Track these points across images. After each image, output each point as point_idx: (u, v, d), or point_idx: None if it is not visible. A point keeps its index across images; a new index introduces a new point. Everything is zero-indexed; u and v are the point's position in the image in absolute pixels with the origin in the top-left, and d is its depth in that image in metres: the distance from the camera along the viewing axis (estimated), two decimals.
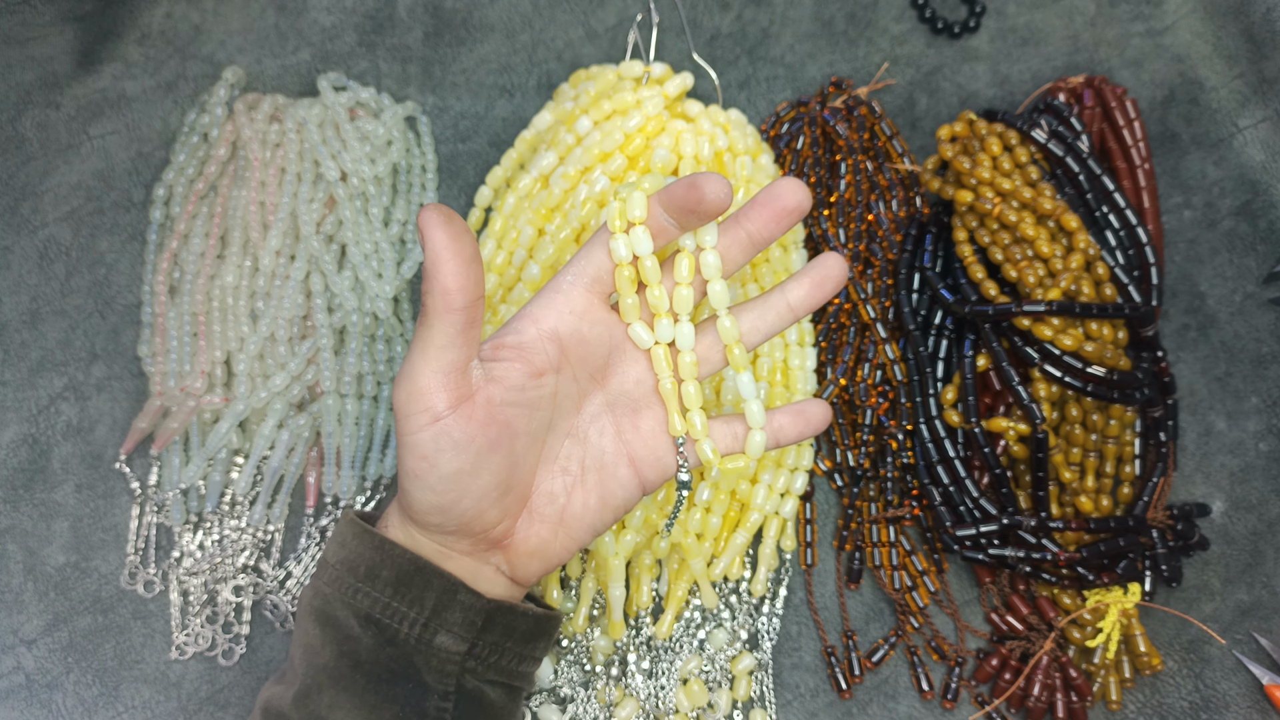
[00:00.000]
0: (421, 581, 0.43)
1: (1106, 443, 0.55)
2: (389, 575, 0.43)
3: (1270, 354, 0.59)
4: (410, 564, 0.43)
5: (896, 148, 0.63)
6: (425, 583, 0.43)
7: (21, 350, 0.61)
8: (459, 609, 0.43)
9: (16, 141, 0.65)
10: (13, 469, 0.59)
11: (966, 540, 0.54)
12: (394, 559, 0.43)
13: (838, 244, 0.60)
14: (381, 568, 0.43)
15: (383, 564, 0.43)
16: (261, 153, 0.61)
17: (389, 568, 0.43)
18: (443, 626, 0.43)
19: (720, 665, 0.55)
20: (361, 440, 0.58)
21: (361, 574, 0.43)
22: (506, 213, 0.59)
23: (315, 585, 0.45)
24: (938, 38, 0.66)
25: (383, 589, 0.43)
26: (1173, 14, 0.65)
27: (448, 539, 0.44)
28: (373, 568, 0.43)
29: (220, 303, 0.60)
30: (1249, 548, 0.57)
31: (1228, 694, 0.54)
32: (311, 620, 0.44)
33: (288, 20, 0.67)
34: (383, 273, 0.60)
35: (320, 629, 0.43)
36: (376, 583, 0.43)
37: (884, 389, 0.59)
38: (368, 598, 0.43)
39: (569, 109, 0.59)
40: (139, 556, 0.57)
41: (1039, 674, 0.53)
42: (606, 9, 0.67)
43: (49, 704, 0.55)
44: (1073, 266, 0.54)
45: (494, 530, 0.44)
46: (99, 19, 0.67)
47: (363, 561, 0.43)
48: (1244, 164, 0.62)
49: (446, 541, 0.44)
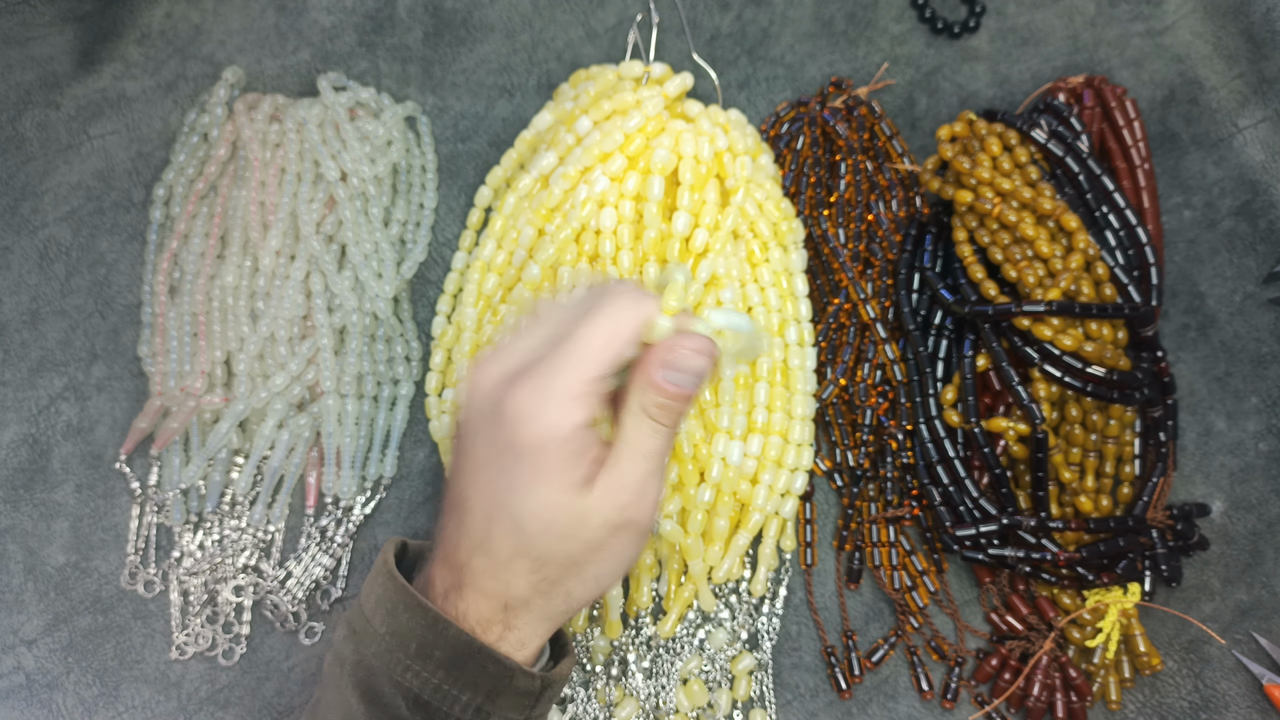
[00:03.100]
0: (476, 666, 0.41)
1: (1106, 443, 0.55)
2: (442, 656, 0.41)
3: (1270, 354, 0.59)
4: (465, 646, 0.41)
5: (896, 148, 0.63)
6: (480, 667, 0.41)
7: (21, 350, 0.61)
8: (513, 693, 0.42)
9: (16, 141, 0.65)
10: (13, 469, 0.59)
11: (966, 540, 0.54)
12: (448, 639, 0.41)
13: (838, 244, 0.60)
14: (435, 647, 0.41)
15: (436, 643, 0.41)
16: (261, 153, 0.61)
17: (443, 648, 0.41)
18: (495, 711, 0.41)
19: (720, 665, 0.55)
20: (361, 440, 0.58)
21: (413, 651, 0.41)
22: (506, 213, 0.59)
23: (358, 650, 0.43)
24: (938, 38, 0.66)
25: (434, 670, 0.41)
26: (1173, 14, 0.65)
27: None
28: (425, 645, 0.41)
29: (220, 303, 0.60)
30: (1249, 548, 0.57)
31: (1227, 694, 0.54)
32: (354, 692, 0.42)
33: (288, 20, 0.67)
34: (383, 273, 0.60)
35: (365, 705, 0.42)
36: (429, 663, 0.41)
37: (884, 389, 0.59)
38: (418, 678, 0.41)
39: (569, 109, 0.59)
40: (139, 556, 0.57)
41: (1039, 674, 0.53)
42: (606, 9, 0.67)
43: (49, 704, 0.55)
44: (1072, 266, 0.54)
45: None
46: (99, 19, 0.67)
47: (414, 638, 0.41)
48: (1244, 164, 0.62)
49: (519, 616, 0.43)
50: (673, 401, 0.42)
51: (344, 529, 0.57)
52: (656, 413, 0.42)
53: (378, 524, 0.58)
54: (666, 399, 0.42)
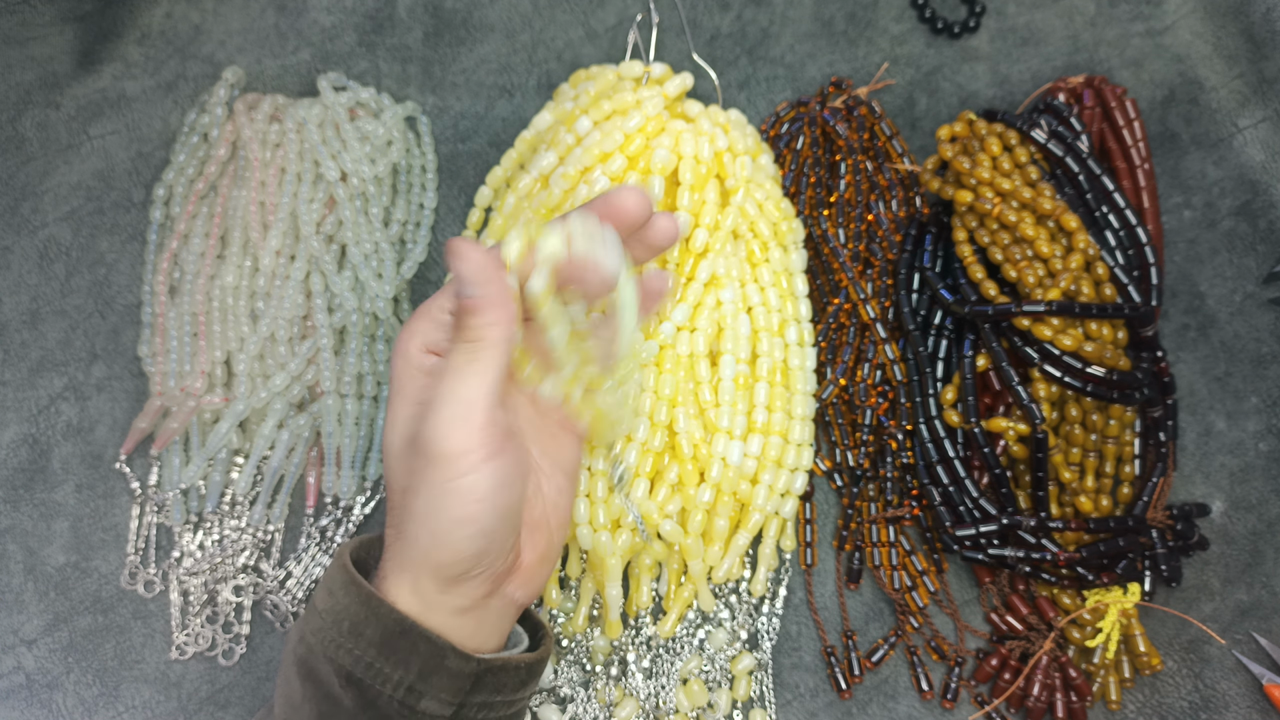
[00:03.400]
0: (407, 644, 0.40)
1: (1106, 443, 0.55)
2: (374, 634, 0.40)
3: (1270, 354, 0.59)
4: (396, 624, 0.40)
5: (896, 148, 0.63)
6: (411, 645, 0.40)
7: (21, 350, 0.61)
8: (445, 674, 0.41)
9: (16, 141, 0.65)
10: (13, 469, 0.59)
11: (966, 540, 0.54)
12: (380, 616, 0.40)
13: (838, 244, 0.60)
14: (366, 625, 0.41)
15: (368, 621, 0.41)
16: (261, 153, 0.61)
17: (374, 626, 0.40)
18: (428, 691, 0.41)
19: (720, 665, 0.55)
20: (361, 440, 0.58)
21: (346, 629, 0.41)
22: (506, 213, 0.59)
23: (301, 630, 0.43)
24: (938, 38, 0.66)
25: (365, 648, 0.40)
26: (1173, 14, 0.65)
27: (467, 587, 0.42)
28: (357, 623, 0.41)
29: (220, 303, 0.60)
30: (1249, 548, 0.57)
31: (1227, 694, 0.54)
32: (294, 669, 0.42)
33: (288, 20, 0.67)
34: (383, 273, 0.60)
35: (302, 683, 0.42)
36: (360, 640, 0.40)
37: (884, 389, 0.59)
38: (350, 655, 0.40)
39: (569, 109, 0.59)
40: (139, 556, 0.57)
41: (1039, 674, 0.53)
42: (606, 9, 0.67)
43: (49, 704, 0.55)
44: (1072, 266, 0.54)
45: (510, 558, 0.43)
46: (99, 19, 0.67)
47: (348, 615, 0.41)
48: (1244, 164, 0.62)
49: (462, 592, 0.42)
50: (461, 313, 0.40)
51: (344, 529, 0.57)
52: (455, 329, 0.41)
53: (378, 524, 0.58)
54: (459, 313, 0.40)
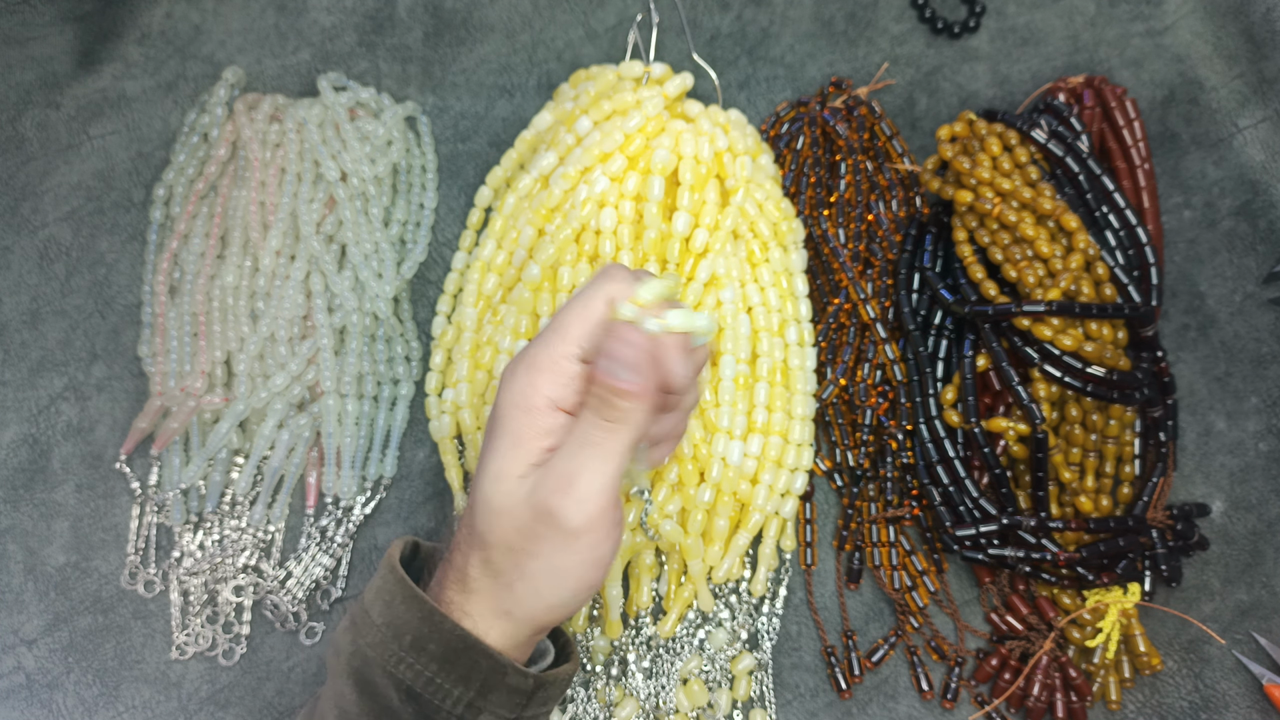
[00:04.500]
0: (469, 661, 0.41)
1: (1106, 443, 0.55)
2: (436, 650, 0.41)
3: (1270, 354, 0.59)
4: (460, 641, 0.41)
5: (896, 148, 0.63)
6: (473, 662, 0.41)
7: (21, 350, 0.61)
8: (505, 690, 0.41)
9: (16, 141, 0.65)
10: (13, 469, 0.59)
11: (966, 540, 0.54)
12: (443, 633, 0.41)
13: (838, 244, 0.60)
14: (429, 640, 0.41)
15: (430, 636, 0.41)
16: (261, 153, 0.61)
17: (437, 641, 0.41)
18: (486, 707, 0.41)
19: (720, 665, 0.55)
20: (361, 440, 0.58)
21: (407, 643, 0.41)
22: (506, 213, 0.59)
23: (355, 640, 0.42)
24: (938, 38, 0.66)
25: (427, 663, 0.41)
26: (1173, 14, 0.65)
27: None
28: (419, 639, 0.41)
29: (220, 303, 0.60)
30: (1249, 548, 0.57)
31: (1227, 694, 0.54)
32: (348, 681, 0.42)
33: (288, 20, 0.67)
34: (383, 273, 0.60)
35: (358, 695, 0.42)
36: (422, 655, 0.41)
37: (884, 389, 0.59)
38: (411, 670, 0.41)
39: (569, 109, 0.59)
40: (139, 556, 0.57)
41: (1039, 674, 0.53)
42: (606, 9, 0.67)
43: (49, 704, 0.55)
44: (1072, 266, 0.54)
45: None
46: (99, 19, 0.67)
47: (409, 630, 0.41)
48: (1244, 164, 0.62)
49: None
50: (609, 393, 0.39)
51: (344, 529, 0.57)
52: (595, 402, 0.40)
53: (378, 524, 0.58)
54: (602, 389, 0.40)
